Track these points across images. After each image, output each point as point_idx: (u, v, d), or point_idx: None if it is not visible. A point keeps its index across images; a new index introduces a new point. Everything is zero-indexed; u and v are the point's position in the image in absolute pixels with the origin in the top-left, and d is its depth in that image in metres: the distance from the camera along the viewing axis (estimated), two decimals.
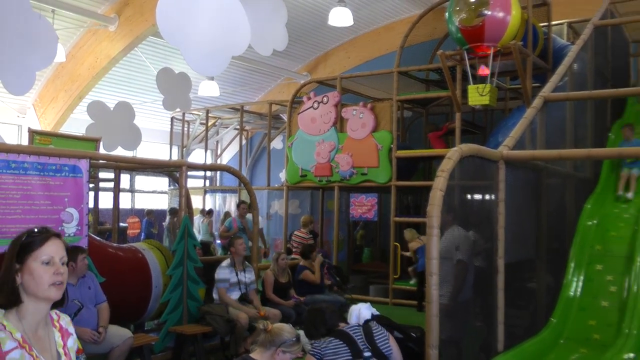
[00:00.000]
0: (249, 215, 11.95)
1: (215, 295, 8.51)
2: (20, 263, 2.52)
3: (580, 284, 7.56)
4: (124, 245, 9.78)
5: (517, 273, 6.74)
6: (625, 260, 7.59)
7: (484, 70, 9.68)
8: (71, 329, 2.80)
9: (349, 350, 4.53)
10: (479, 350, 6.28)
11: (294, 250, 11.86)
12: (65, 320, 2.79)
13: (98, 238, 9.02)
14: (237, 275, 8.54)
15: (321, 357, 4.47)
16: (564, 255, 7.82)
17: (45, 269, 2.53)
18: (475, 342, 6.42)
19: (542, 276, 7.27)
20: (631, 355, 6.11)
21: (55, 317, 2.73)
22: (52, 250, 2.57)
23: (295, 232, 12.07)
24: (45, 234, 2.60)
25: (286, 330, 4.55)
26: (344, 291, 10.54)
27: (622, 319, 6.79)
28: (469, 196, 6.77)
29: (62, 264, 2.60)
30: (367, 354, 4.66)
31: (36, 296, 2.53)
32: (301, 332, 6.16)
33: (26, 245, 2.55)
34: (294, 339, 4.49)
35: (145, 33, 14.96)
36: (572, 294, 7.46)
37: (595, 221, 8.34)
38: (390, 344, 4.80)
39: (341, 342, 4.55)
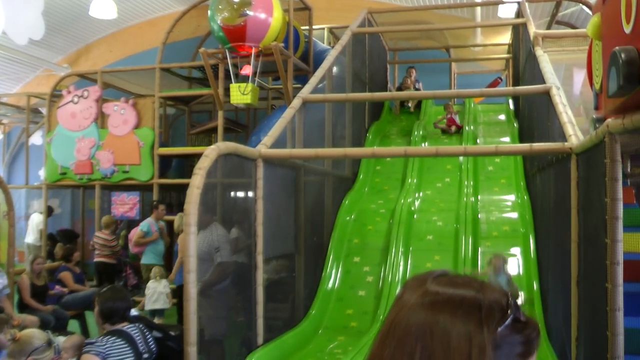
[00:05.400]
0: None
1: None
2: None
3: (339, 275, 7.92)
4: None
5: (276, 268, 6.91)
6: (381, 252, 8.09)
7: (245, 70, 9.79)
8: None
9: (132, 352, 4.39)
10: (240, 345, 6.35)
11: (96, 253, 11.27)
12: None
13: None
14: None
15: (105, 357, 4.26)
16: (323, 249, 8.13)
17: None
18: (236, 337, 6.49)
19: (301, 270, 7.48)
20: None
21: None
22: None
23: (97, 234, 11.45)
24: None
25: (36, 336, 4.34)
26: None
27: (377, 307, 7.21)
28: (230, 194, 6.82)
29: None
30: (145, 355, 4.55)
31: None
32: (61, 339, 5.93)
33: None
34: (44, 345, 4.29)
35: None
36: (330, 285, 7.80)
37: (353, 216, 8.77)
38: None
39: (124, 343, 4.39)
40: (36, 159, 16.67)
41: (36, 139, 18.08)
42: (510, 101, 12.08)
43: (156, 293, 9.33)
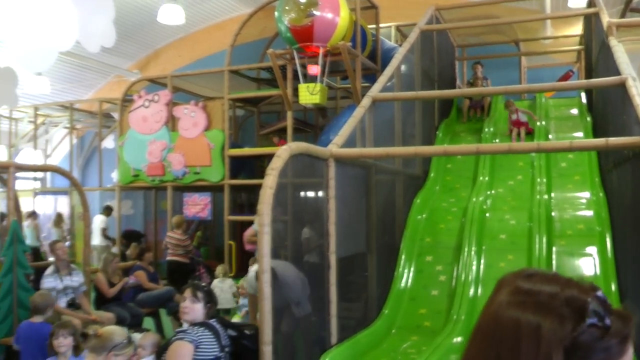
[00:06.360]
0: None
1: None
2: None
3: (411, 275, 7.85)
4: None
5: (349, 267, 6.89)
6: (454, 250, 7.98)
7: (313, 70, 9.79)
8: None
9: (217, 343, 4.46)
10: (313, 345, 6.36)
11: (169, 252, 11.51)
12: None
13: None
14: (62, 281, 8.24)
15: (198, 345, 4.33)
16: (395, 248, 8.08)
17: None
18: (310, 336, 6.50)
19: (373, 269, 7.45)
20: (459, 339, 6.42)
21: None
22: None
23: (169, 234, 11.69)
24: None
25: (117, 333, 4.44)
26: None
27: (451, 306, 7.12)
28: (302, 194, 6.83)
29: None
30: (227, 349, 4.62)
31: None
32: (137, 335, 6.08)
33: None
34: (125, 342, 4.39)
35: None
36: (403, 285, 7.74)
37: (424, 215, 8.70)
38: None
39: (211, 334, 4.46)
40: (109, 162, 17.03)
41: (108, 142, 18.46)
42: (583, 94, 11.80)
43: (222, 292, 9.41)
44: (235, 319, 8.50)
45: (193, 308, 4.59)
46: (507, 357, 1.14)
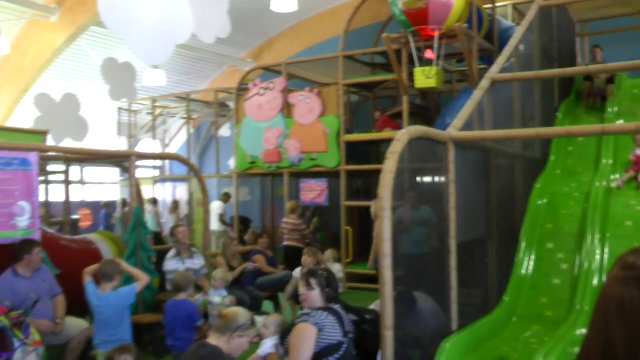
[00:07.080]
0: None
1: (169, 286, 8.45)
2: None
3: (532, 262, 7.64)
4: (77, 237, 9.69)
5: (469, 253, 6.75)
6: (576, 237, 7.68)
7: (429, 53, 9.67)
8: None
9: (340, 328, 4.48)
10: (434, 331, 6.28)
11: (286, 237, 11.69)
12: None
13: (51, 231, 8.92)
14: (183, 263, 8.55)
15: (321, 329, 4.37)
16: (515, 234, 7.88)
17: None
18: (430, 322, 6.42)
19: (493, 255, 7.29)
20: (584, 331, 6.17)
21: None
22: None
23: (285, 219, 11.86)
24: None
25: (241, 314, 4.52)
26: None
27: (574, 296, 6.87)
28: (419, 178, 6.75)
29: None
30: (350, 335, 4.63)
31: None
32: (258, 318, 6.19)
33: None
34: (249, 323, 4.45)
35: (87, 23, 14.79)
36: (523, 272, 7.54)
37: (545, 200, 8.43)
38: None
39: (335, 320, 4.48)
40: (225, 150, 17.45)
41: (224, 131, 18.92)
42: None
43: None
44: None
45: (309, 295, 4.59)
46: (615, 326, 1.28)
